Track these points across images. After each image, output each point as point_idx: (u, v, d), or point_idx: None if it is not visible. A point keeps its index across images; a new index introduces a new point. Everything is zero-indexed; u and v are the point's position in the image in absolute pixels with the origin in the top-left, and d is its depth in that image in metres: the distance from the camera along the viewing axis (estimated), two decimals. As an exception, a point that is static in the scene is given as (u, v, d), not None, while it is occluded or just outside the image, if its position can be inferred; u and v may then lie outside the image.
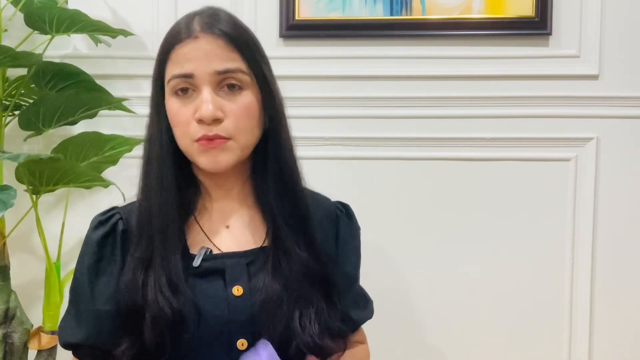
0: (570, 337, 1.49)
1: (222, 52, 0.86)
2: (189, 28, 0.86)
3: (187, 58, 0.85)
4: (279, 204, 0.91)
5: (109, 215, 0.93)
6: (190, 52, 0.85)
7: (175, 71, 0.86)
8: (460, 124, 1.49)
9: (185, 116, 0.86)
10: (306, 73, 1.49)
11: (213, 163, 0.87)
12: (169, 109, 0.89)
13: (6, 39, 1.40)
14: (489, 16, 1.46)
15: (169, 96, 0.88)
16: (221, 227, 0.94)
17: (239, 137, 0.87)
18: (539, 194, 1.49)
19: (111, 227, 0.92)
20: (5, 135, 1.40)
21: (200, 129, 0.85)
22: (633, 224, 1.49)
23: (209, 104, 0.84)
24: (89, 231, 0.93)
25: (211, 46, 0.85)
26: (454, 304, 1.51)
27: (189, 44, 0.86)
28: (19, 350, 1.36)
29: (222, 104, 0.86)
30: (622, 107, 1.47)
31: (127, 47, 1.49)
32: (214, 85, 0.86)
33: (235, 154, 0.88)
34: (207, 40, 0.85)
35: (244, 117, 0.87)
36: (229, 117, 0.86)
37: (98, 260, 0.91)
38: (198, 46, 0.85)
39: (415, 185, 1.50)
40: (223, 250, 0.91)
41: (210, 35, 0.86)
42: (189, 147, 0.88)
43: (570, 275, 1.49)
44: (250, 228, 0.94)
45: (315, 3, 1.47)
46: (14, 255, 1.42)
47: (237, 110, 0.86)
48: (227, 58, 0.86)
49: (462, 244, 1.50)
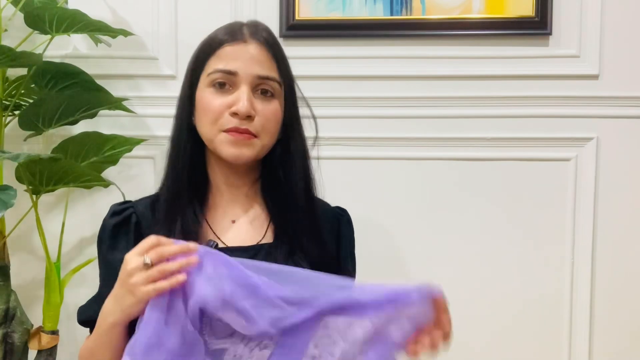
0: (570, 337, 1.49)
1: (265, 59, 0.95)
2: (239, 32, 0.96)
3: (234, 57, 0.94)
4: (292, 205, 0.97)
5: (123, 207, 0.99)
6: (237, 52, 0.94)
7: (220, 66, 0.94)
8: (460, 124, 1.49)
9: (218, 107, 0.93)
10: (306, 73, 1.48)
11: (237, 154, 0.93)
12: (202, 98, 0.95)
13: (6, 39, 1.40)
14: (489, 16, 1.46)
15: (204, 87, 0.95)
16: (228, 223, 0.98)
17: (263, 137, 0.95)
18: (539, 194, 1.49)
19: (125, 218, 0.97)
20: (5, 135, 1.40)
21: (232, 121, 0.92)
22: (633, 224, 1.48)
23: (246, 101, 0.92)
24: (106, 217, 0.99)
25: (257, 52, 0.95)
26: (454, 304, 1.50)
27: (237, 45, 0.94)
28: (19, 350, 1.36)
29: (256, 104, 0.94)
30: (622, 107, 1.47)
31: (127, 47, 1.49)
32: (252, 87, 0.94)
33: (257, 150, 0.95)
34: (254, 47, 0.95)
35: (271, 120, 0.95)
36: (259, 117, 0.94)
37: (112, 245, 0.97)
38: (246, 49, 0.94)
39: (415, 185, 1.50)
40: (229, 245, 0.95)
41: (257, 42, 0.95)
42: (215, 137, 0.94)
43: (570, 275, 1.49)
44: (254, 224, 0.99)
45: (315, 3, 1.47)
46: (14, 255, 1.42)
47: (267, 114, 0.94)
48: (268, 66, 0.95)
49: (462, 243, 1.50)
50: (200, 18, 1.49)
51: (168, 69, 1.51)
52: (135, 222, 0.97)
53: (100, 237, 0.98)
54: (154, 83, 1.51)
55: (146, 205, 0.99)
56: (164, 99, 1.48)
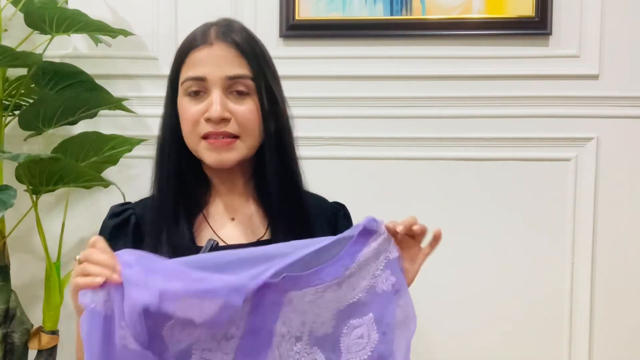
0: (570, 337, 1.49)
1: (233, 59, 0.93)
2: (205, 35, 0.94)
3: (201, 62, 0.93)
4: (279, 201, 0.97)
5: (123, 208, 1.00)
6: (204, 57, 0.93)
7: (190, 73, 0.93)
8: (460, 124, 1.49)
9: (195, 114, 0.93)
10: (306, 73, 1.49)
11: (218, 160, 0.93)
12: (180, 108, 0.96)
13: (6, 39, 1.40)
14: (489, 16, 1.46)
15: (182, 96, 0.95)
16: (227, 221, 0.99)
17: (244, 137, 0.94)
18: (539, 194, 1.49)
19: (124, 220, 0.98)
20: (5, 135, 1.40)
21: (208, 126, 0.92)
22: (633, 223, 1.48)
23: (218, 105, 0.91)
24: (105, 219, 0.99)
25: (224, 53, 0.93)
26: (454, 304, 1.51)
27: (204, 49, 0.93)
28: (19, 350, 1.36)
29: (230, 106, 0.93)
30: (622, 107, 1.47)
31: (127, 47, 1.49)
32: (223, 89, 0.92)
33: (241, 152, 0.94)
34: (220, 48, 0.93)
35: (249, 119, 0.93)
36: (235, 118, 0.93)
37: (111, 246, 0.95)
38: (212, 52, 0.93)
39: (415, 185, 1.50)
40: (228, 242, 0.96)
41: (223, 43, 0.93)
42: (196, 144, 0.94)
43: (570, 275, 1.49)
44: (252, 222, 0.99)
45: (315, 3, 1.47)
46: (14, 255, 1.42)
47: (243, 113, 0.93)
48: (237, 65, 0.93)
49: (462, 243, 1.50)
50: (200, 18, 1.47)
51: (168, 69, 1.49)
52: (135, 224, 0.97)
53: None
54: (154, 83, 1.51)
55: (145, 207, 0.99)
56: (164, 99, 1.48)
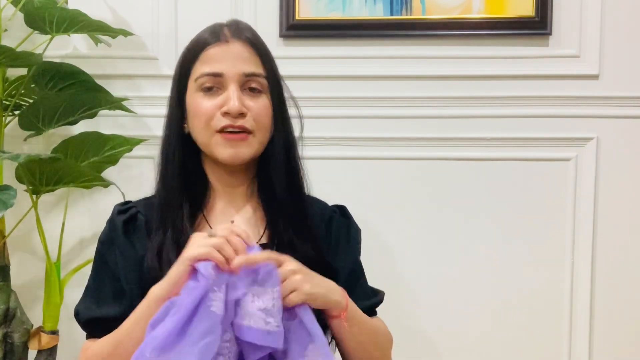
0: (571, 337, 1.49)
1: (249, 57, 0.95)
2: (220, 33, 0.96)
3: (218, 59, 0.94)
4: (282, 201, 0.97)
5: (127, 207, 1.01)
6: (220, 53, 0.94)
7: (206, 70, 0.94)
8: (460, 124, 1.49)
9: (210, 109, 0.94)
10: (306, 73, 1.49)
11: (234, 154, 0.94)
12: (192, 103, 0.96)
13: (6, 39, 1.40)
14: (489, 16, 1.46)
15: (193, 92, 0.96)
16: (227, 223, 0.98)
17: (258, 133, 0.95)
18: (539, 194, 1.49)
19: (131, 216, 0.99)
20: (5, 135, 1.40)
21: (225, 120, 0.93)
22: (633, 224, 1.48)
23: (236, 100, 0.92)
24: (112, 216, 1.00)
25: (240, 50, 0.95)
26: (454, 304, 1.51)
27: (220, 46, 0.95)
28: (19, 350, 1.36)
29: (246, 102, 0.94)
30: (622, 107, 1.47)
31: (127, 47, 1.49)
32: (239, 85, 0.94)
33: (254, 148, 0.96)
34: (236, 45, 0.95)
35: (263, 115, 0.96)
36: (251, 114, 0.94)
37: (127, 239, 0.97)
38: (228, 49, 0.95)
39: (415, 185, 1.50)
40: None
41: (239, 41, 0.96)
42: (209, 139, 0.95)
43: (570, 275, 1.49)
44: (251, 224, 0.99)
45: (315, 3, 1.47)
46: (14, 255, 1.42)
47: (258, 109, 0.95)
48: (253, 63, 0.95)
49: (462, 243, 1.50)
50: (200, 18, 1.48)
51: (168, 69, 1.51)
52: (144, 221, 0.98)
53: (108, 235, 0.98)
54: (154, 83, 1.51)
55: (149, 205, 1.00)
56: (164, 99, 1.44)
